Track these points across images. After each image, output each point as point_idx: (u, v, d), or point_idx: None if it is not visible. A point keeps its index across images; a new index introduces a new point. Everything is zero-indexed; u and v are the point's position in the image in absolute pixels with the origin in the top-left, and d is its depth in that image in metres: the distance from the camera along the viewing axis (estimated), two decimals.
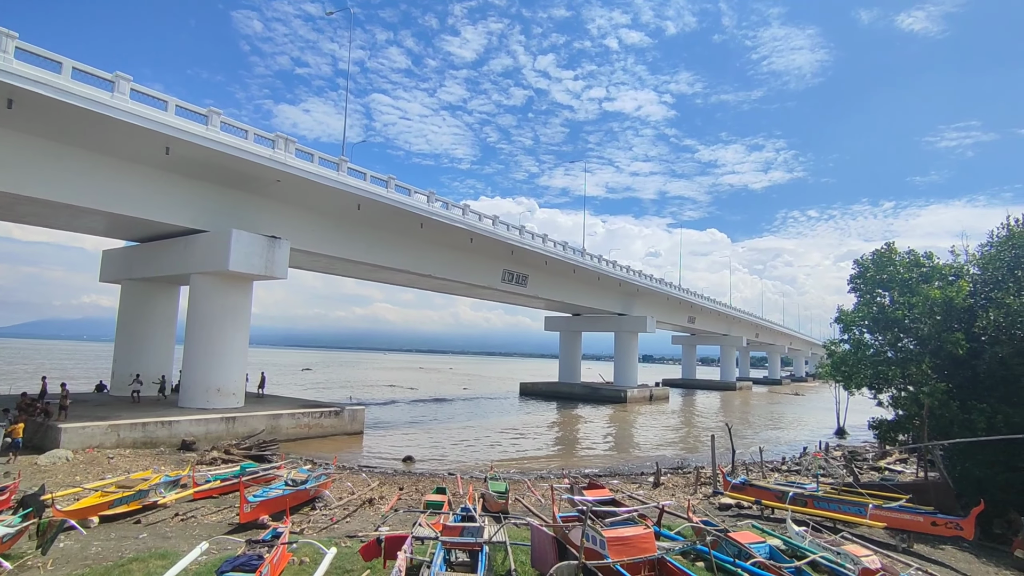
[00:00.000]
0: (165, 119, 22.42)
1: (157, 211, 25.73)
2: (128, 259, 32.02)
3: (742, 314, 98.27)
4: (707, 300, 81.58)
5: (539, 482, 19.59)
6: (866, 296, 19.18)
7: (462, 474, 21.42)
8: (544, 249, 44.40)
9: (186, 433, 23.76)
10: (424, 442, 30.57)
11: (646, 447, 32.58)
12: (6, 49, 18.48)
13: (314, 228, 31.70)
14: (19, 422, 20.07)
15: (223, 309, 27.66)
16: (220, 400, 27.23)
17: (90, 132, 21.74)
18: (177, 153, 23.66)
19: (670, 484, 19.47)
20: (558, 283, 53.05)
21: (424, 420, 40.29)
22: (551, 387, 67.25)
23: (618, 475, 22.73)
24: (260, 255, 26.78)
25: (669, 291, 68.21)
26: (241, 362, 28.57)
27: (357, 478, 18.53)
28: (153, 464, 19.76)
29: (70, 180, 22.74)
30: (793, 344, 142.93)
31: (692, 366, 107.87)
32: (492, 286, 45.63)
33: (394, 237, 36.02)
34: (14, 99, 18.89)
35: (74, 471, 18.05)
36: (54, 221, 28.77)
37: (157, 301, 32.87)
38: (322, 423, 29.12)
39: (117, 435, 22.09)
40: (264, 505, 12.59)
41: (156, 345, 32.88)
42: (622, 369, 67.33)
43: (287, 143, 26.82)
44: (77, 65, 20.27)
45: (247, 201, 28.58)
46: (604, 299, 61.32)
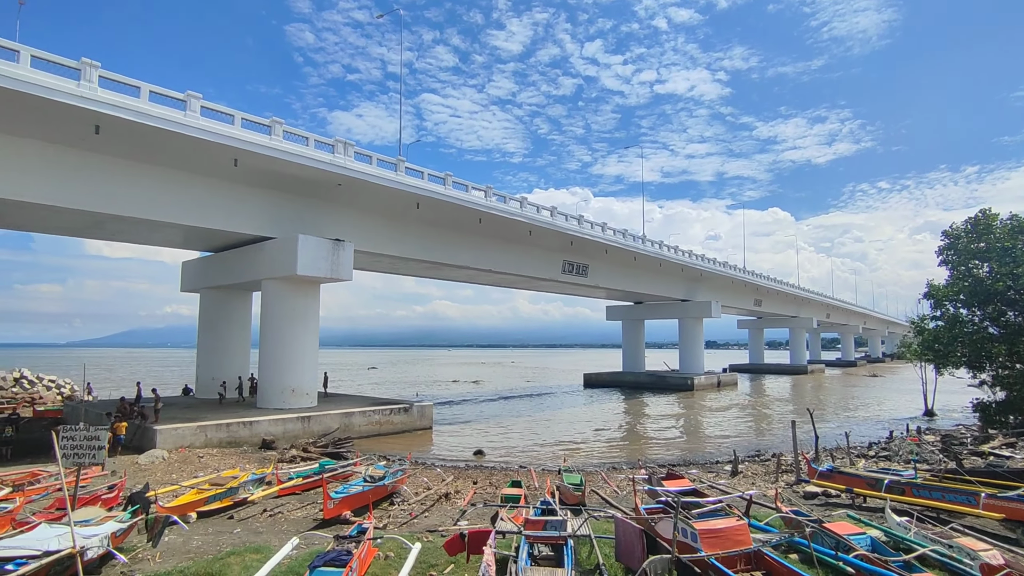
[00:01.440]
0: (232, 132, 23.38)
1: (227, 221, 26.92)
2: (205, 269, 33.72)
3: (811, 294, 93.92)
4: (774, 281, 78.40)
5: (613, 473, 19.31)
6: (960, 268, 17.73)
7: (534, 466, 21.43)
8: (604, 238, 43.76)
9: (266, 432, 24.81)
10: (492, 435, 30.78)
11: (717, 435, 31.64)
12: (91, 79, 19.70)
13: (375, 229, 32.38)
14: (120, 423, 21.67)
15: (293, 312, 28.69)
16: (295, 400, 28.30)
17: (166, 150, 22.94)
18: (244, 164, 24.63)
19: (749, 472, 18.76)
20: (619, 271, 52.23)
21: (490, 414, 40.61)
22: (615, 377, 66.47)
23: (692, 464, 22.13)
24: (326, 258, 27.58)
25: (734, 274, 65.96)
26: (313, 363, 29.58)
27: (432, 473, 18.82)
28: (239, 462, 20.73)
29: (149, 197, 24.09)
30: (868, 323, 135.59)
31: (760, 350, 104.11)
32: (552, 278, 45.40)
33: (453, 234, 36.35)
34: (100, 124, 20.14)
35: (170, 469, 19.19)
36: (136, 236, 30.63)
37: (233, 307, 34.51)
38: (392, 420, 29.79)
39: (205, 435, 23.31)
40: (346, 501, 12.92)
41: (234, 349, 34.54)
42: (688, 356, 65.70)
43: (346, 147, 27.45)
44: (153, 88, 21.40)
45: (311, 206, 29.48)
46: (666, 285, 59.95)
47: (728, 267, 65.65)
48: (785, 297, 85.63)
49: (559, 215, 40.18)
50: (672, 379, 61.52)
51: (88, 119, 19.99)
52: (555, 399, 51.73)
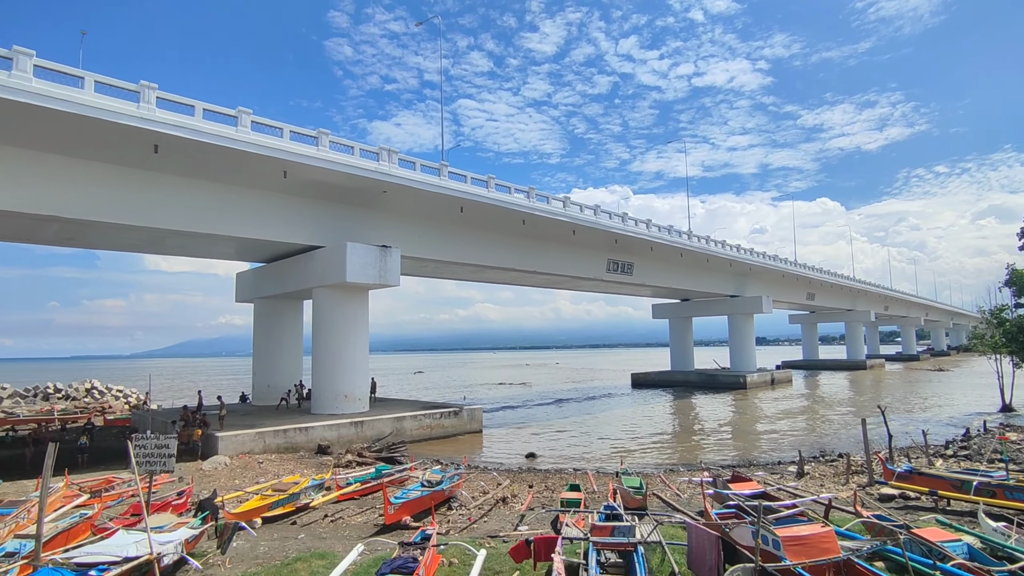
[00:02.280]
0: (282, 145, 23.96)
1: (279, 232, 27.61)
2: (258, 279, 34.71)
3: (868, 286, 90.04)
4: (827, 274, 75.48)
5: (671, 475, 18.79)
6: None
7: (588, 469, 21.10)
8: (649, 235, 43.00)
9: (321, 438, 25.25)
10: (543, 438, 30.55)
11: (775, 434, 30.53)
12: (149, 100, 20.51)
13: (420, 234, 32.67)
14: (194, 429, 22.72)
15: (344, 319, 29.18)
16: (348, 405, 28.75)
17: (219, 165, 23.69)
18: (294, 175, 25.20)
19: (816, 474, 17.93)
20: (665, 269, 51.25)
21: (539, 416, 40.37)
22: (664, 376, 65.23)
23: (752, 465, 21.37)
24: (374, 265, 27.95)
25: (784, 267, 63.85)
26: (364, 368, 30.00)
27: (487, 477, 18.74)
28: (297, 468, 21.13)
29: (206, 211, 24.94)
30: (930, 315, 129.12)
31: (814, 345, 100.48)
32: (597, 277, 44.89)
33: (497, 236, 36.36)
34: (159, 144, 20.95)
35: (232, 475, 19.70)
36: (195, 250, 31.81)
37: (285, 316, 35.40)
38: (443, 423, 29.92)
39: (263, 441, 23.90)
40: (406, 506, 12.94)
41: (287, 357, 35.43)
42: (739, 353, 63.92)
43: (390, 154, 27.77)
44: (207, 106, 22.13)
45: (358, 214, 29.95)
46: (714, 281, 58.52)
47: (778, 260, 63.59)
48: (839, 290, 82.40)
49: (603, 214, 39.68)
50: (723, 377, 59.95)
51: (148, 139, 20.82)
52: (603, 400, 51.07)
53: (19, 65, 18.20)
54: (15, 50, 18.21)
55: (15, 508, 12.71)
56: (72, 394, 44.41)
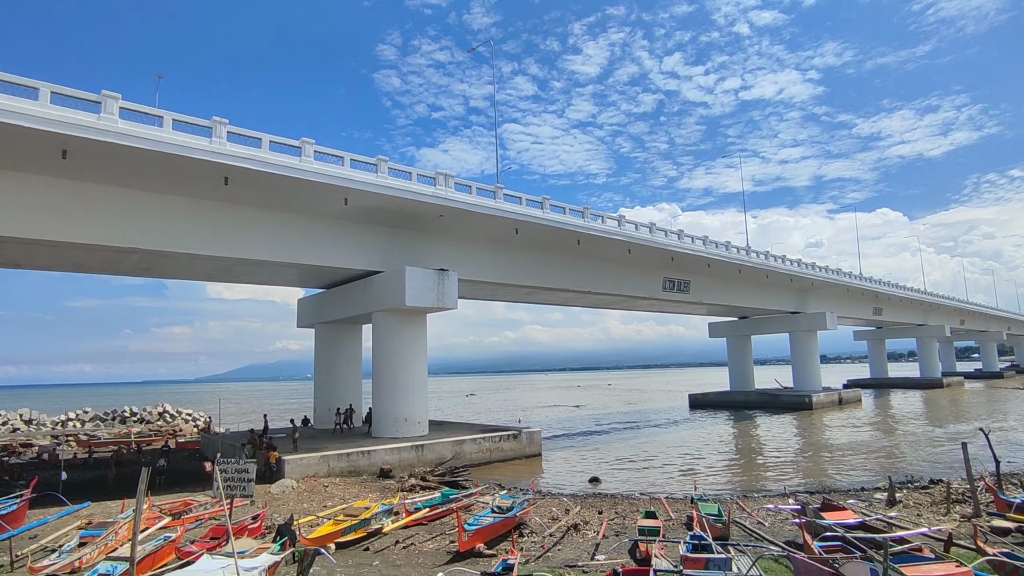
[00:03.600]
0: (343, 173, 24.63)
1: (340, 258, 28.27)
2: (318, 305, 35.59)
3: (941, 299, 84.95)
4: (894, 287, 71.69)
5: (748, 501, 17.85)
6: None
7: (655, 494, 20.35)
8: (706, 251, 41.94)
9: (383, 461, 25.33)
10: (603, 461, 29.79)
11: (851, 458, 28.74)
12: (220, 135, 21.50)
13: (476, 257, 32.84)
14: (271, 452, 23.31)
15: (403, 342, 29.45)
16: (408, 429, 28.84)
17: (284, 194, 24.51)
18: (354, 202, 25.79)
19: (910, 502, 16.64)
20: (722, 286, 49.86)
21: (597, 438, 39.51)
22: (723, 396, 63.01)
23: (834, 491, 20.09)
24: (432, 288, 28.19)
25: (848, 281, 61.00)
26: (423, 392, 30.11)
27: (554, 502, 18.28)
28: (361, 491, 21.22)
29: (271, 240, 25.80)
30: (1012, 329, 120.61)
31: (882, 363, 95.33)
32: (653, 296, 44.01)
33: (552, 257, 36.20)
34: (229, 176, 21.86)
35: (300, 499, 19.92)
36: (259, 277, 32.92)
37: (345, 340, 36.07)
38: (502, 447, 29.61)
39: (328, 465, 24.15)
40: (479, 533, 12.68)
41: (347, 380, 36.00)
42: (802, 371, 61.17)
43: (447, 179, 28.14)
44: (272, 138, 23.03)
45: (415, 239, 30.40)
46: (774, 298, 56.47)
47: (841, 274, 60.87)
48: (909, 304, 78.09)
49: (658, 231, 38.99)
50: (786, 397, 57.42)
51: (219, 172, 21.76)
52: (662, 421, 49.63)
53: (107, 108, 19.41)
54: (104, 95, 19.45)
55: (104, 530, 13.15)
56: (146, 417, 46.47)
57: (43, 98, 18.44)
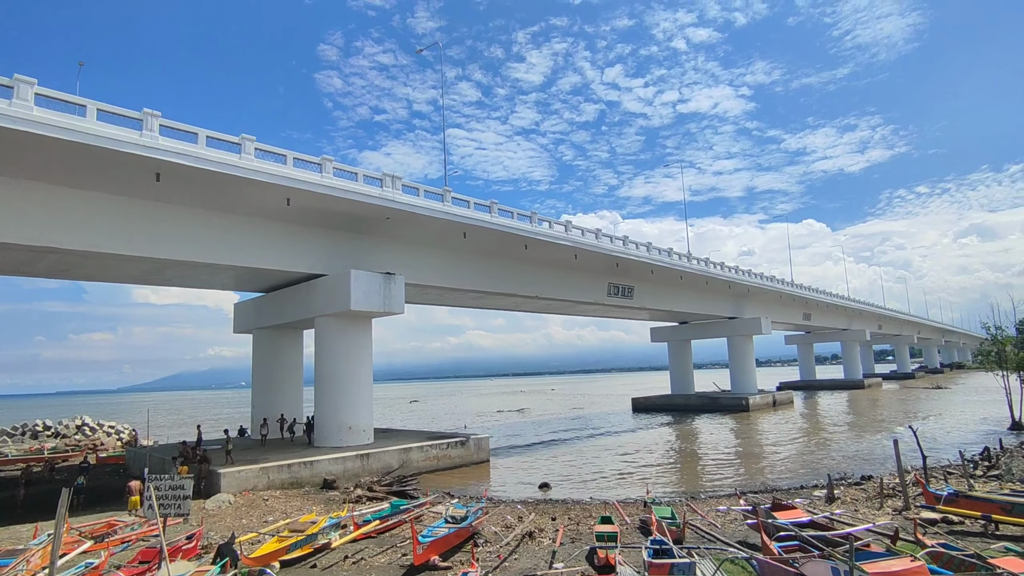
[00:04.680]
0: (286, 172, 23.60)
1: (282, 260, 27.07)
2: (257, 309, 33.99)
3: (863, 305, 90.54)
4: (823, 294, 75.79)
5: (698, 503, 18.14)
6: None
7: (607, 497, 20.42)
8: (650, 257, 42.86)
9: (326, 472, 24.35)
10: (552, 466, 29.76)
11: (789, 457, 29.92)
12: (152, 128, 20.15)
13: (423, 261, 32.25)
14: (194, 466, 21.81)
15: (347, 348, 28.49)
16: (352, 437, 27.88)
17: (223, 193, 23.23)
18: (297, 203, 24.75)
19: (847, 498, 17.36)
20: (665, 291, 51.11)
21: (543, 443, 39.51)
22: (665, 400, 64.55)
23: (776, 490, 20.77)
24: (378, 292, 27.43)
25: (782, 288, 63.95)
26: (368, 399, 29.21)
27: (507, 510, 17.99)
28: (304, 504, 20.28)
29: (208, 241, 24.40)
30: (922, 333, 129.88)
31: (811, 366, 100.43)
32: (598, 301, 44.58)
33: (500, 262, 36.03)
34: (161, 172, 20.48)
35: (238, 514, 18.80)
36: (194, 280, 31.11)
37: (285, 346, 34.62)
38: (449, 454, 29.10)
39: (267, 477, 22.97)
40: (434, 545, 12.24)
41: (288, 388, 34.55)
42: (739, 375, 63.52)
43: (394, 180, 27.50)
44: (210, 133, 21.79)
45: (361, 242, 29.53)
46: (713, 303, 58.41)
47: (776, 281, 63.74)
48: (835, 309, 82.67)
49: (604, 237, 39.55)
50: (725, 400, 59.42)
51: (151, 167, 20.35)
52: (606, 425, 50.23)
53: (20, 94, 17.80)
54: (16, 79, 17.84)
55: (14, 558, 11.89)
56: (62, 431, 43.00)
57: None
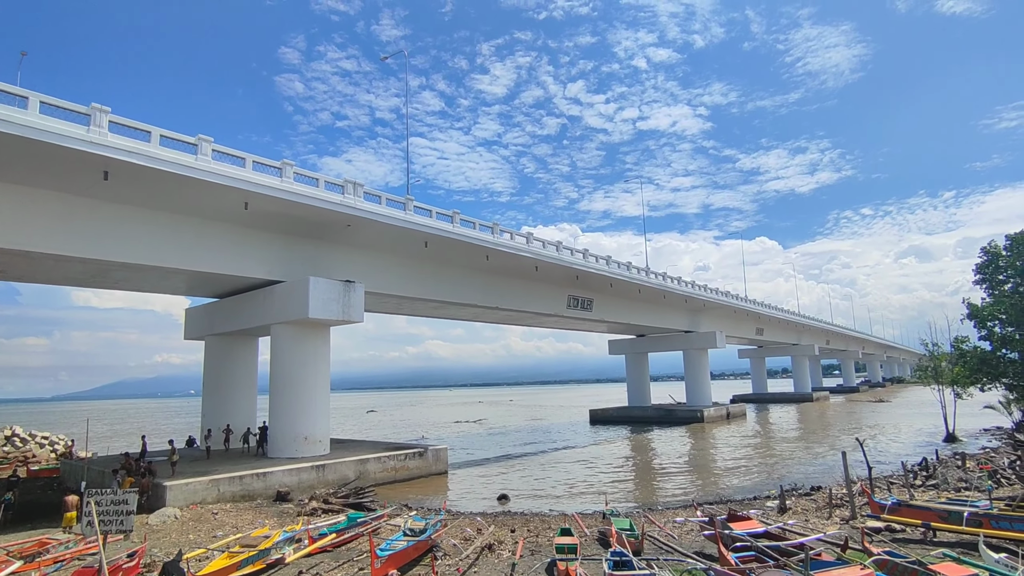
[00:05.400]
0: (245, 175, 23.01)
1: (238, 266, 26.32)
2: (210, 315, 32.86)
3: (812, 321, 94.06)
4: (775, 310, 78.39)
5: (655, 514, 18.33)
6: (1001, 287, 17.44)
7: (565, 509, 20.45)
8: (609, 271, 43.49)
9: (280, 484, 23.61)
10: (509, 478, 29.64)
11: (742, 469, 30.65)
12: (101, 124, 19.33)
13: (384, 270, 31.86)
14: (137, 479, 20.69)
15: (304, 357, 27.82)
16: (308, 448, 27.16)
17: (176, 195, 22.45)
18: (255, 207, 24.16)
19: (798, 508, 17.87)
20: (623, 305, 51.87)
21: (502, 455, 39.33)
22: (622, 412, 65.27)
23: (730, 501, 21.21)
24: (337, 300, 26.91)
25: (736, 303, 65.83)
26: (326, 409, 28.55)
27: (466, 522, 17.78)
28: (256, 518, 19.58)
29: (159, 243, 23.51)
30: (866, 348, 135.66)
31: (763, 379, 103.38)
32: (558, 313, 44.89)
33: (461, 272, 35.91)
34: (110, 170, 19.65)
35: (185, 529, 17.99)
36: (143, 284, 29.85)
37: (239, 354, 33.51)
38: (407, 465, 28.64)
39: (217, 490, 22.11)
40: (392, 559, 11.99)
41: (240, 397, 33.38)
42: (694, 388, 64.88)
43: (355, 187, 27.14)
44: (164, 132, 21.06)
45: (320, 249, 28.98)
46: (670, 317, 59.61)
47: (730, 296, 65.56)
48: (786, 325, 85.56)
49: (564, 250, 39.94)
50: (681, 412, 60.51)
51: (98, 165, 19.51)
52: (564, 437, 50.44)
53: None
54: None
55: None
56: None
57: None
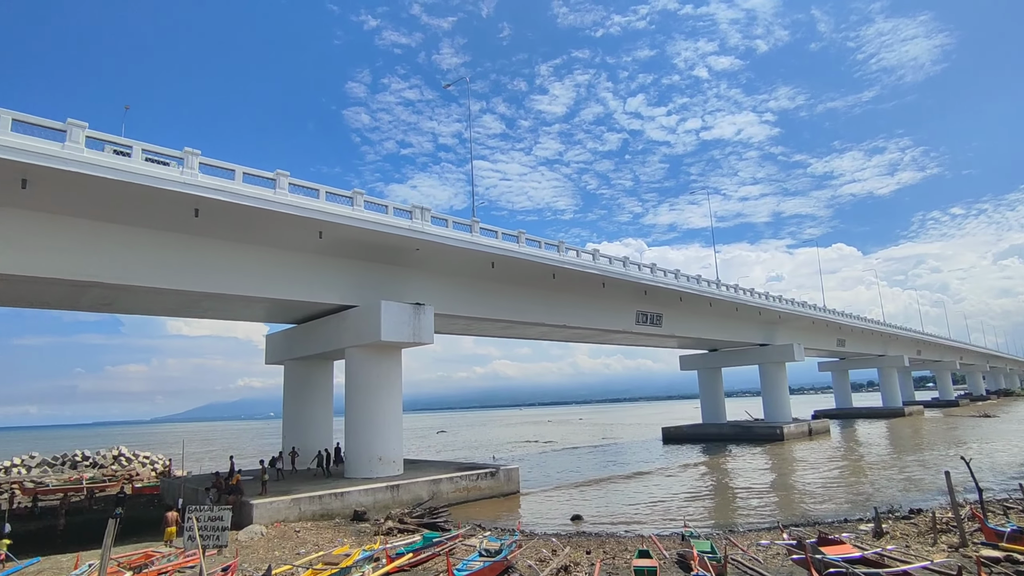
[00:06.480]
0: (319, 206, 24.19)
1: (313, 292, 27.55)
2: (288, 341, 34.50)
3: (899, 330, 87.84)
4: (857, 319, 73.88)
5: (738, 536, 17.53)
6: None
7: (646, 531, 19.90)
8: (678, 285, 42.51)
9: (357, 503, 24.24)
10: (584, 498, 29.19)
11: (828, 489, 28.80)
12: (192, 165, 20.92)
13: (452, 291, 32.50)
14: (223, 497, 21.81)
15: (378, 379, 28.61)
16: (383, 468, 27.80)
17: (258, 227, 23.89)
18: (329, 235, 25.32)
19: (897, 533, 16.60)
20: (694, 319, 50.45)
21: (573, 474, 38.82)
22: (696, 429, 63.08)
23: (817, 524, 19.97)
24: (407, 323, 27.63)
25: (814, 314, 62.58)
26: (398, 429, 29.18)
27: (544, 543, 17.63)
28: (335, 536, 20.17)
29: (243, 274, 25.00)
30: (964, 358, 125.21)
31: (846, 393, 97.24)
32: (626, 329, 44.18)
33: (527, 291, 36.10)
34: (200, 208, 21.21)
35: (271, 546, 18.77)
36: (227, 312, 31.78)
37: (315, 377, 34.94)
38: (479, 485, 28.77)
39: (299, 508, 22.96)
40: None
41: (318, 419, 34.76)
42: (772, 403, 61.90)
43: (423, 212, 27.93)
44: (246, 170, 22.52)
45: (390, 273, 29.93)
46: (743, 330, 57.42)
47: (807, 307, 62.45)
48: (870, 335, 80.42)
49: (632, 265, 39.40)
50: (759, 429, 57.81)
51: (190, 203, 21.11)
52: (636, 456, 49.27)
53: (72, 136, 18.71)
54: (69, 123, 18.78)
55: None
56: (100, 461, 43.78)
57: (3, 126, 17.68)
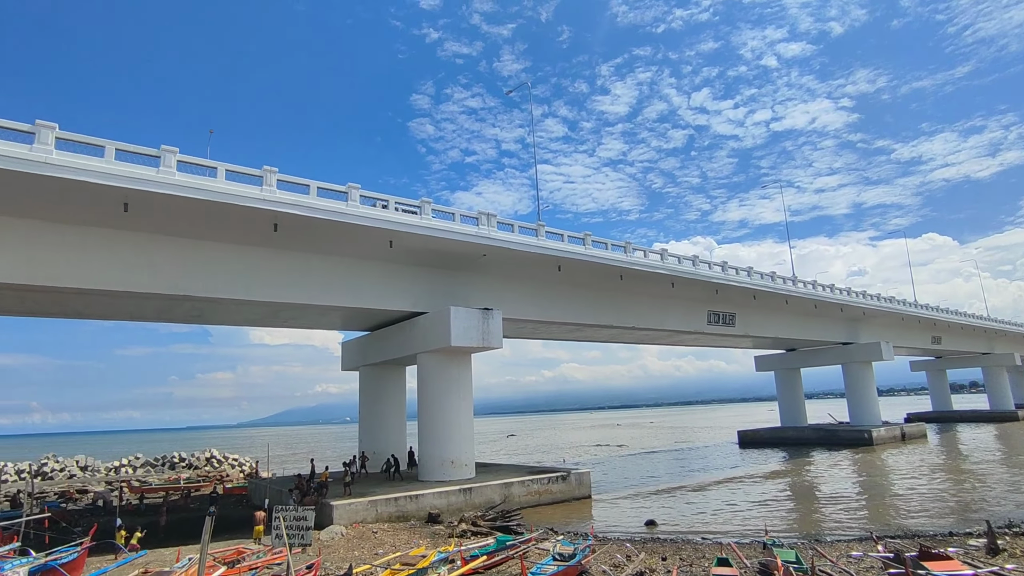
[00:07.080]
0: (389, 216, 24.98)
1: (385, 300, 28.46)
2: (363, 347, 35.74)
3: (1007, 326, 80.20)
4: (955, 314, 68.27)
5: (824, 547, 16.59)
6: None
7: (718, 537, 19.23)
8: (751, 283, 40.87)
9: (431, 506, 24.74)
10: (657, 503, 28.53)
11: (927, 499, 26.68)
12: (271, 183, 22.12)
13: (519, 295, 32.68)
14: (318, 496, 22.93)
15: (448, 383, 29.15)
16: (455, 472, 28.24)
17: (331, 238, 24.96)
18: (399, 244, 26.09)
19: (1016, 551, 15.14)
20: (769, 318, 48.36)
21: (646, 479, 38.02)
22: (775, 433, 60.38)
23: (917, 536, 18.58)
24: (476, 328, 28.00)
25: (903, 310, 58.39)
26: (470, 433, 29.57)
27: (618, 548, 17.38)
28: (411, 538, 20.62)
29: (319, 284, 26.19)
30: None
31: (944, 395, 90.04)
32: (698, 330, 42.91)
33: (594, 293, 35.80)
34: (279, 222, 22.40)
35: (350, 546, 19.45)
36: (303, 321, 33.35)
37: (388, 382, 36.00)
38: (551, 489, 28.69)
39: (376, 510, 23.68)
40: None
41: (392, 423, 35.75)
42: (859, 405, 58.25)
43: (489, 218, 28.27)
44: (320, 184, 23.60)
45: (458, 279, 30.47)
46: (823, 328, 54.45)
47: (895, 302, 58.38)
48: (971, 331, 74.15)
49: (701, 264, 38.26)
50: (844, 433, 54.61)
51: (269, 219, 22.34)
52: (711, 460, 47.66)
53: (165, 161, 20.23)
54: (163, 149, 20.30)
55: None
56: (194, 463, 46.99)
57: (108, 155, 19.33)
